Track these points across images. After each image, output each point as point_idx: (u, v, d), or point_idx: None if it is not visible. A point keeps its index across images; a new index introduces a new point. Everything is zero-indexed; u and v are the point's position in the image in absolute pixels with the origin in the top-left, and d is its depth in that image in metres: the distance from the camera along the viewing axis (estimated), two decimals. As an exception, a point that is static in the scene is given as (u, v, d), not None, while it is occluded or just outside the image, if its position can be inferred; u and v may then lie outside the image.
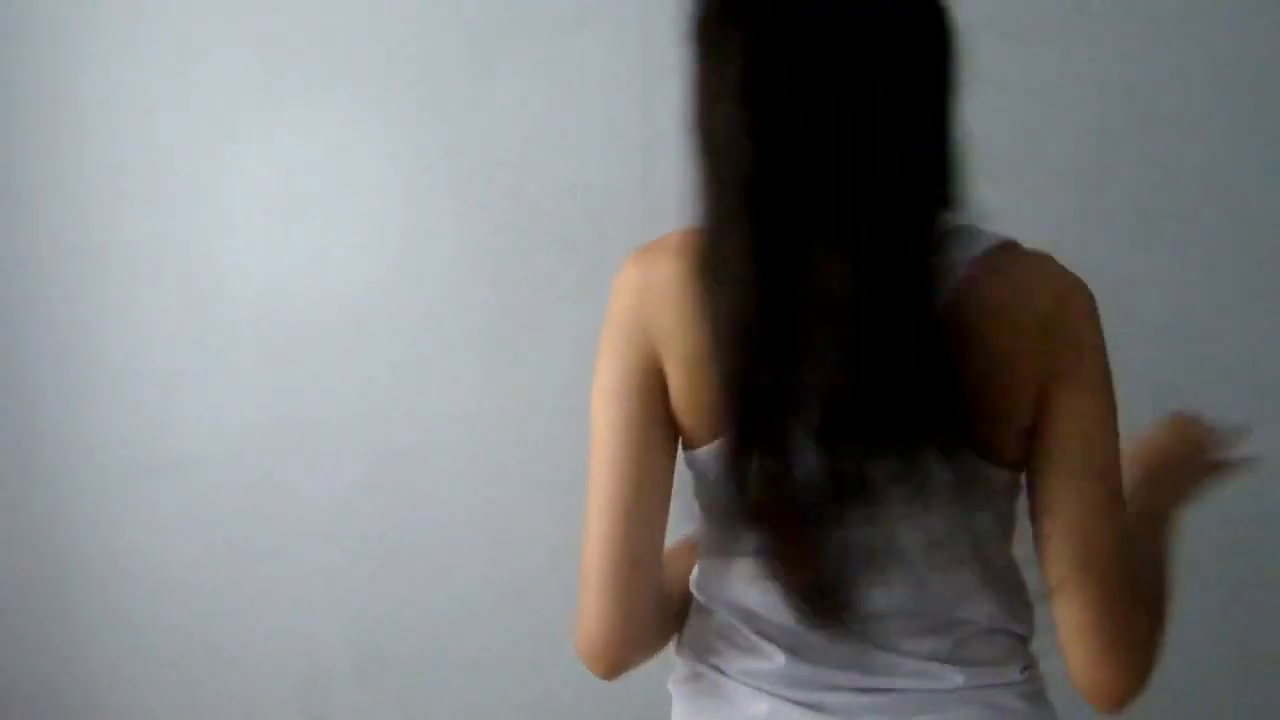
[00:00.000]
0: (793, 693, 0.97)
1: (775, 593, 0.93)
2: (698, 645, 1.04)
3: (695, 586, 1.05)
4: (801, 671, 0.97)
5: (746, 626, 0.99)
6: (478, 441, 1.87)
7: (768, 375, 0.84)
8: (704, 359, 0.88)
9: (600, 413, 1.00)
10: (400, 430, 1.88)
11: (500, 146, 1.80)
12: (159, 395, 1.89)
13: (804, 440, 0.85)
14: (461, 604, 1.91)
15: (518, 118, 1.79)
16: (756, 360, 0.84)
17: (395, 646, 1.93)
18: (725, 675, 1.00)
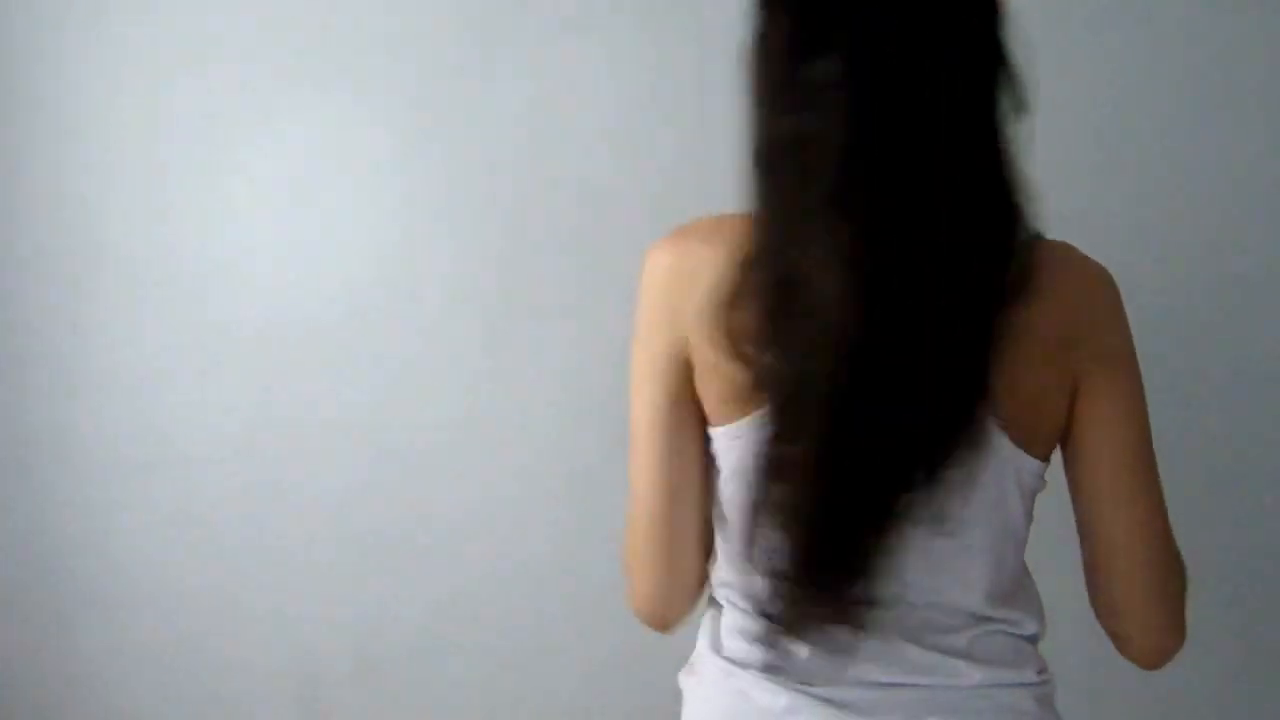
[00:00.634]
0: (813, 688, 0.97)
1: (791, 575, 0.93)
2: (715, 640, 1.03)
3: (715, 581, 1.05)
4: (822, 666, 0.97)
5: (769, 624, 0.98)
6: (477, 441, 1.87)
7: (843, 373, 0.85)
8: (749, 344, 0.89)
9: (637, 394, 1.01)
10: (399, 429, 1.88)
11: (501, 147, 1.80)
12: (157, 395, 1.89)
13: (856, 426, 0.86)
14: (461, 604, 1.91)
15: (518, 118, 1.79)
16: (839, 358, 0.85)
17: (394, 646, 1.93)
18: (744, 669, 1.00)
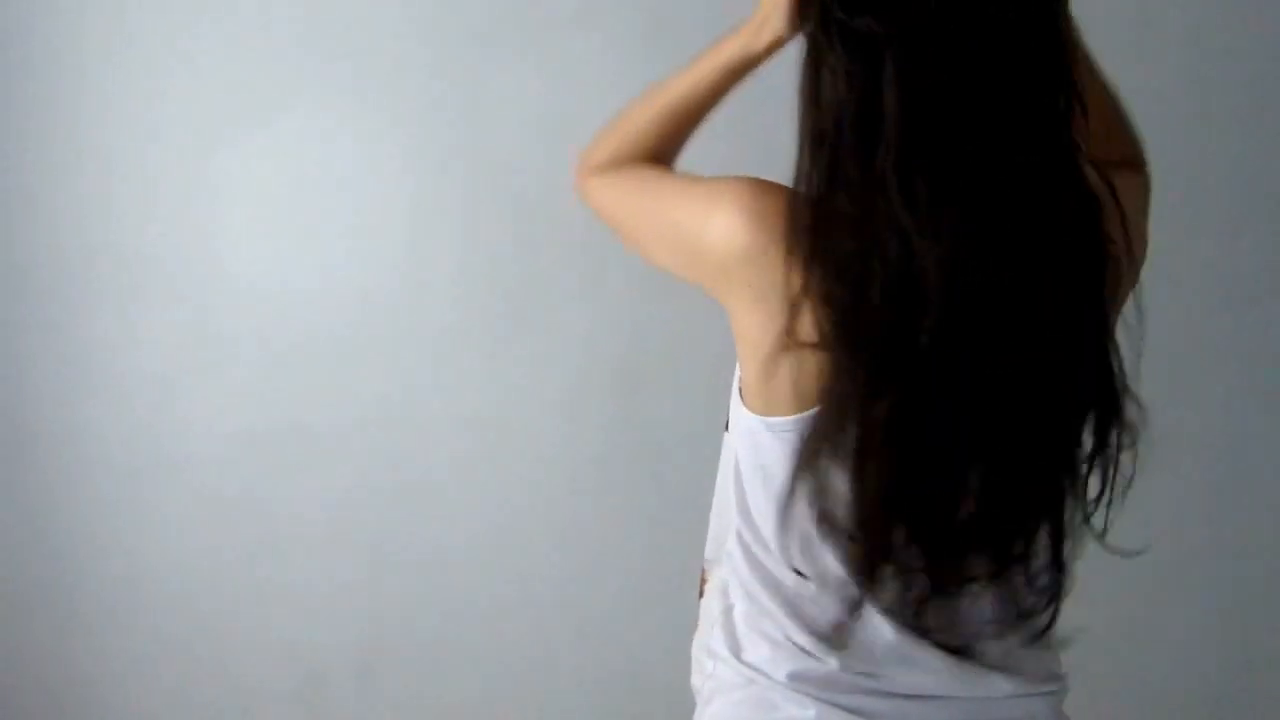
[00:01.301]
0: (841, 698, 0.95)
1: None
2: (734, 644, 1.01)
3: (740, 584, 1.01)
4: (852, 677, 0.94)
5: (799, 627, 0.96)
6: (478, 442, 1.86)
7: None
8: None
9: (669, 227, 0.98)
10: (399, 431, 1.87)
11: (503, 147, 1.80)
12: (159, 398, 1.89)
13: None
14: (461, 604, 1.90)
15: (520, 118, 1.79)
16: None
17: (395, 647, 1.93)
18: (770, 678, 0.97)
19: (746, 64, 0.97)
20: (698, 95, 1.01)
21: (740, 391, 0.96)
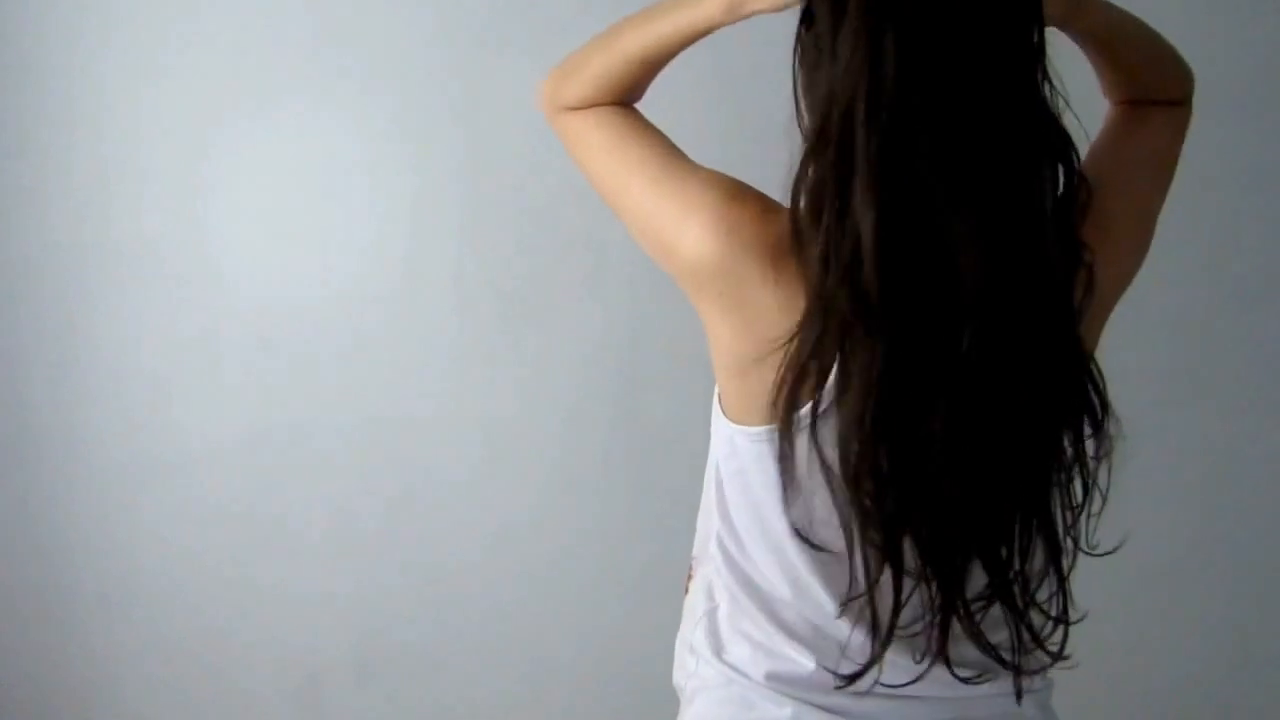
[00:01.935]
0: (818, 697, 0.95)
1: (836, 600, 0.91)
2: (718, 645, 1.01)
3: (723, 585, 1.02)
4: (829, 677, 0.94)
5: (776, 629, 0.97)
6: (478, 441, 1.86)
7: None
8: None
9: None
10: (399, 430, 1.87)
11: (501, 147, 1.80)
12: (156, 396, 1.89)
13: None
14: (461, 604, 1.90)
15: (519, 118, 1.78)
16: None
17: (395, 647, 1.93)
18: (748, 678, 0.98)
19: (725, 24, 0.95)
20: (671, 47, 0.99)
21: (719, 397, 0.96)
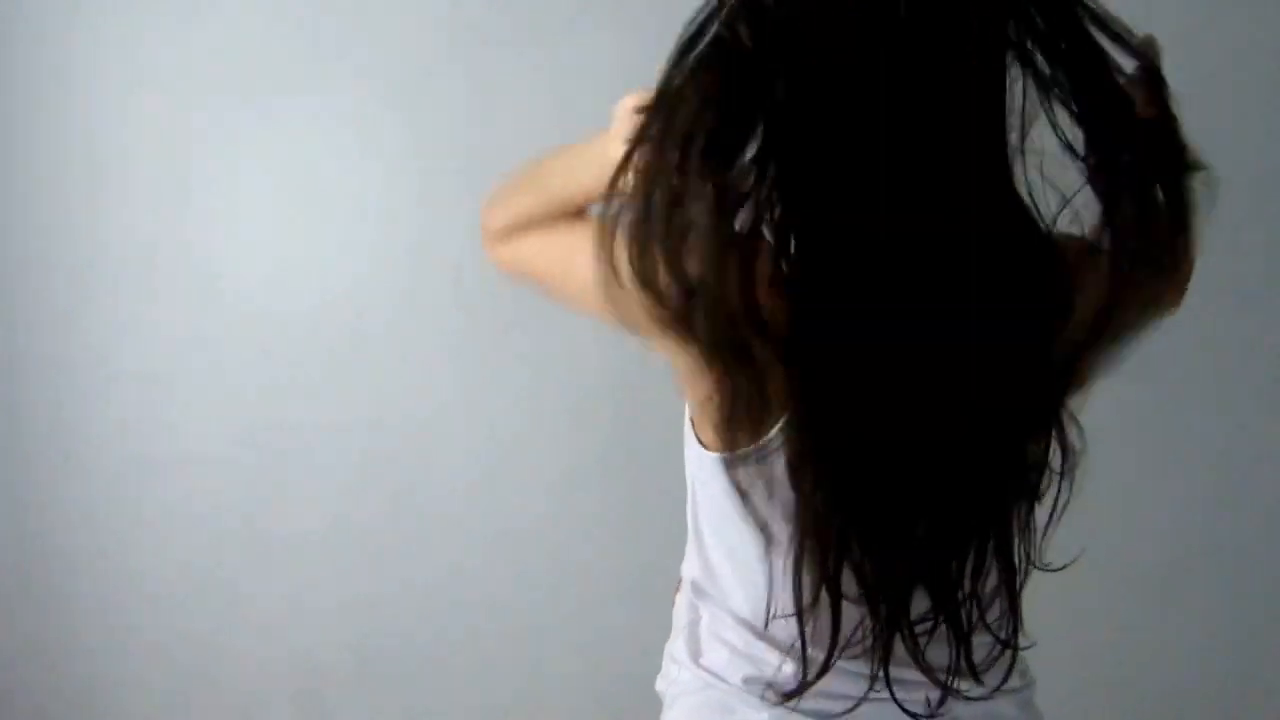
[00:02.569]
0: (796, 701, 0.95)
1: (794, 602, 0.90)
2: (696, 651, 1.02)
3: (695, 593, 1.03)
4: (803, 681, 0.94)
5: (755, 637, 0.97)
6: (477, 441, 1.86)
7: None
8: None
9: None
10: (400, 430, 1.87)
11: (500, 147, 1.79)
12: (156, 395, 1.88)
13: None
14: (462, 604, 1.90)
15: (518, 119, 1.78)
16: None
17: (394, 646, 1.92)
18: (726, 683, 0.98)
19: None
20: (589, 195, 0.97)
21: (691, 420, 0.97)
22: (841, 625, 0.87)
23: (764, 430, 0.85)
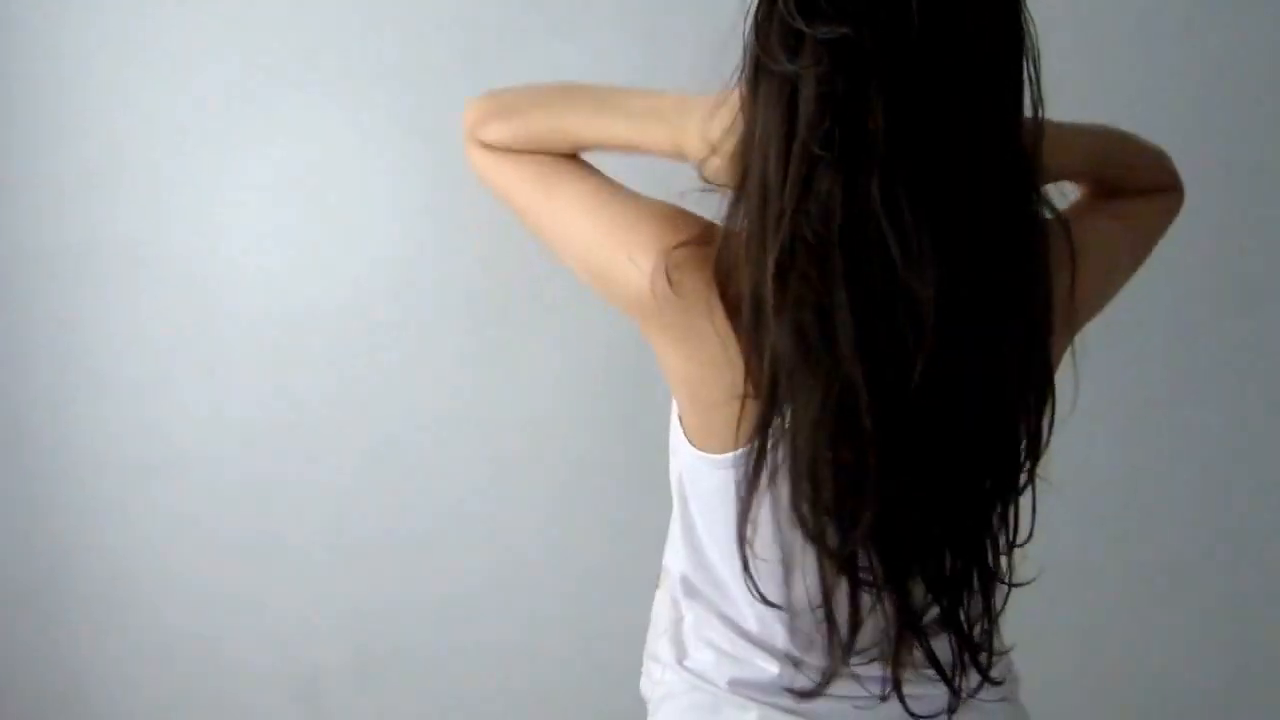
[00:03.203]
0: (782, 700, 0.96)
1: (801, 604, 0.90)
2: (681, 652, 1.02)
3: (683, 594, 1.03)
4: (793, 681, 0.95)
5: (739, 637, 0.98)
6: (477, 440, 1.86)
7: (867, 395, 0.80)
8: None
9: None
10: (399, 429, 1.87)
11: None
12: (157, 395, 1.88)
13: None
14: (462, 603, 1.90)
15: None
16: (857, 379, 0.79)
17: (394, 646, 1.92)
18: (712, 684, 0.99)
19: (668, 158, 0.92)
20: (614, 147, 0.97)
21: (679, 419, 0.96)
22: (848, 621, 0.88)
23: (753, 434, 0.85)
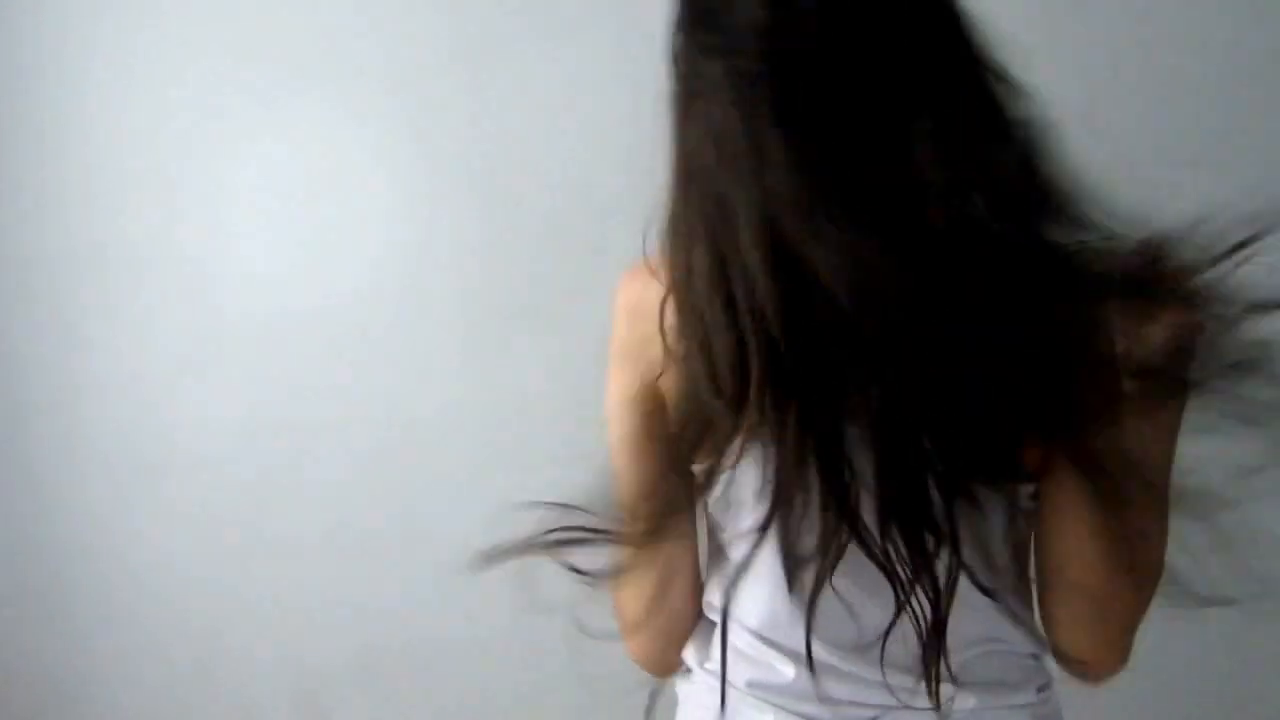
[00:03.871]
0: (800, 705, 0.96)
1: (797, 604, 0.91)
2: (704, 655, 1.03)
3: (704, 601, 1.04)
4: (810, 686, 0.95)
5: (757, 640, 0.98)
6: (477, 439, 1.86)
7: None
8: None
9: (611, 429, 0.99)
10: (399, 429, 1.87)
11: (496, 148, 1.80)
12: (156, 394, 1.89)
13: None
14: (462, 603, 1.90)
15: (514, 120, 1.79)
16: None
17: (394, 646, 1.92)
18: (730, 686, 0.99)
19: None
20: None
21: None
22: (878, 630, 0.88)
23: (740, 453, 0.86)
